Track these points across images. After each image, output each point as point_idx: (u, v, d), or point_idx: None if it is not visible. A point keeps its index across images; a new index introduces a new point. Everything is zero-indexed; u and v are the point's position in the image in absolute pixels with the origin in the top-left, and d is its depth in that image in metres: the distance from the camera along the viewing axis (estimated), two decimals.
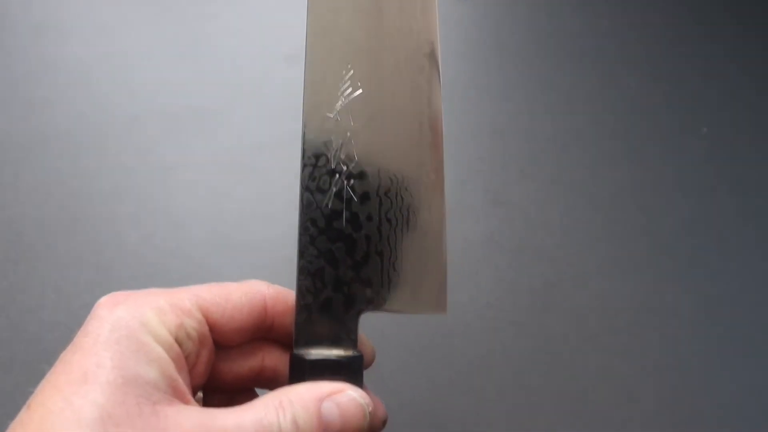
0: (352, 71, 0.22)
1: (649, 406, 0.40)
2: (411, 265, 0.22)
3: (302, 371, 0.22)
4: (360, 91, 0.22)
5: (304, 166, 0.22)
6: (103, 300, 0.20)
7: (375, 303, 0.22)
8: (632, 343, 0.41)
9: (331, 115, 0.22)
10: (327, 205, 0.22)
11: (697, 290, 0.43)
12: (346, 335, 0.22)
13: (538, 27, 0.52)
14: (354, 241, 0.22)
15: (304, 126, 0.22)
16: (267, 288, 0.23)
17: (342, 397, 0.20)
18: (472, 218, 0.44)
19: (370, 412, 0.21)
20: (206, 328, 0.21)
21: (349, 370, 0.22)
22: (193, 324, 0.21)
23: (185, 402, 0.19)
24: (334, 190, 0.22)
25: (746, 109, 0.50)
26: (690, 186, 0.47)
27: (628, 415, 0.39)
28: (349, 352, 0.22)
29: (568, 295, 0.42)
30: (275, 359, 0.24)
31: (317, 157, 0.22)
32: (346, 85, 0.22)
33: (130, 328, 0.19)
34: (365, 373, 0.23)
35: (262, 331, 0.23)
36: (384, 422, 0.23)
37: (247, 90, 0.48)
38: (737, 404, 0.40)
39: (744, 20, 0.53)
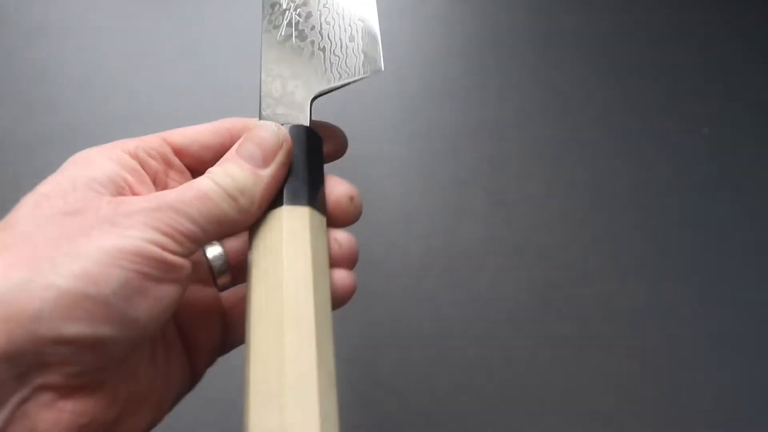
0: None
1: (651, 406, 0.40)
2: (349, 48, 0.27)
3: None
4: None
5: (263, 16, 0.27)
6: None
7: (322, 85, 0.26)
8: (633, 343, 0.41)
9: None
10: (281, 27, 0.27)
11: (699, 290, 0.43)
12: (299, 113, 0.25)
13: (538, 26, 0.52)
14: (301, 48, 0.27)
15: None
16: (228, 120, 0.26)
17: (251, 131, 0.22)
18: (472, 218, 0.44)
19: (283, 136, 0.23)
20: (167, 148, 0.23)
21: (301, 139, 0.24)
22: (153, 144, 0.23)
23: None
24: (285, 22, 0.27)
25: (748, 109, 0.49)
26: (691, 186, 0.46)
27: (630, 415, 0.39)
28: (301, 125, 0.25)
29: (568, 295, 0.42)
30: None
31: (273, 5, 0.28)
32: None
33: (88, 157, 0.21)
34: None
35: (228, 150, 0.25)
36: (353, 200, 0.24)
37: (247, 90, 0.48)
38: (740, 404, 0.40)
39: (746, 19, 0.53)
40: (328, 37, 0.27)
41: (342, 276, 0.23)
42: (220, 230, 0.20)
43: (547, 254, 0.44)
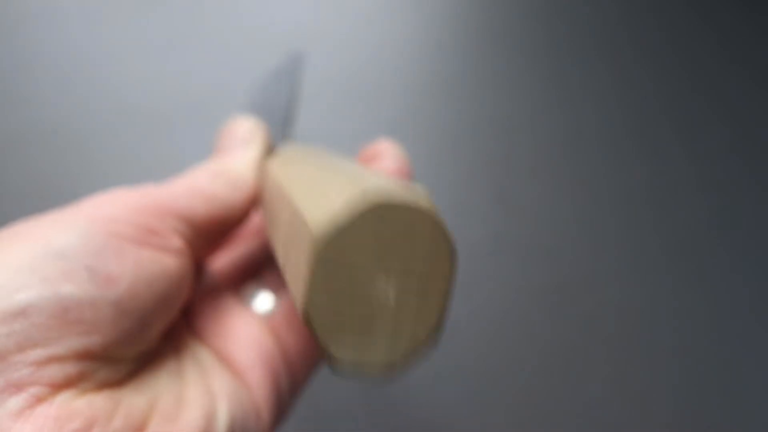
0: None
1: (664, 415, 0.39)
2: None
3: None
4: None
5: None
6: None
7: None
8: (646, 348, 0.41)
9: None
10: None
11: (715, 293, 0.42)
12: None
13: (547, 17, 0.51)
14: None
15: None
16: None
17: (222, 131, 0.22)
18: (477, 219, 0.43)
19: (251, 120, 0.23)
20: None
21: None
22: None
23: None
24: None
25: None
26: (707, 185, 0.46)
27: (642, 423, 0.39)
28: None
29: (578, 299, 0.41)
30: None
31: None
32: None
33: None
34: None
35: None
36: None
37: (242, 87, 0.47)
38: (755, 412, 0.39)
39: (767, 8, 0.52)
40: None
41: None
42: (213, 208, 0.18)
43: (556, 256, 0.43)
